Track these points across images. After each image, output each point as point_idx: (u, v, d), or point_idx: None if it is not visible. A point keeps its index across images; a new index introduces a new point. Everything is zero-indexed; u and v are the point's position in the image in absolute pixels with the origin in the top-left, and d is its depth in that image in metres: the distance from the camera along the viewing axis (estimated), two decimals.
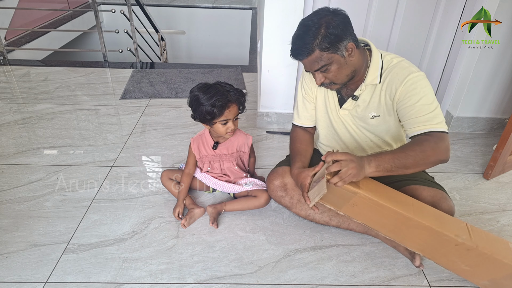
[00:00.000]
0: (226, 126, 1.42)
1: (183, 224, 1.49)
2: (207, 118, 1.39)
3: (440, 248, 1.17)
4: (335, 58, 1.18)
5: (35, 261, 1.35)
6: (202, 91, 1.39)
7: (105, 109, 2.49)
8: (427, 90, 1.20)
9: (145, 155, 2.00)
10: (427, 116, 1.18)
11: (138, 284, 1.27)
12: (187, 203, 1.58)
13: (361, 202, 1.18)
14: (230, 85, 1.45)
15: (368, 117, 1.34)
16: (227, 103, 1.38)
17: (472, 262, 1.16)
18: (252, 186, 1.60)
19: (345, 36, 1.15)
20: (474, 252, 1.12)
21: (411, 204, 1.20)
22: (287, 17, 1.95)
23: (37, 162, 1.91)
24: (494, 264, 1.12)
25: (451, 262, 1.20)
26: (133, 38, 3.62)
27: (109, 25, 5.48)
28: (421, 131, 1.19)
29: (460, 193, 1.77)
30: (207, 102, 1.36)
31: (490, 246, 1.12)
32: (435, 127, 1.18)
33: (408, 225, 1.17)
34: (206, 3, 5.75)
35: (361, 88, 1.30)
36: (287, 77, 2.14)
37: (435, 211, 1.20)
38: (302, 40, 1.16)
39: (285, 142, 2.17)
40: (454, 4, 2.03)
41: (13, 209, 1.59)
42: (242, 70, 3.23)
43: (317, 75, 1.23)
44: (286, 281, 1.31)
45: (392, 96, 1.25)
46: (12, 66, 3.22)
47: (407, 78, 1.20)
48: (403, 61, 1.26)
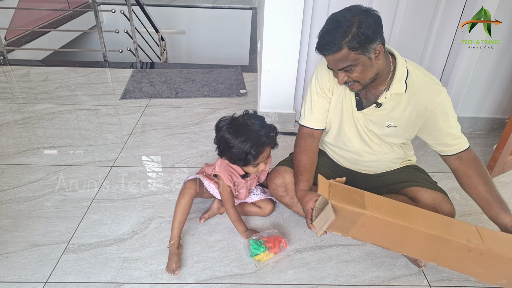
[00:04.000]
0: (257, 167, 1.35)
1: (176, 273, 1.31)
2: (239, 163, 1.31)
3: (453, 256, 1.15)
4: (362, 59, 1.13)
5: (35, 261, 1.35)
6: (232, 133, 1.26)
7: (105, 109, 2.49)
8: (453, 109, 1.29)
9: (145, 155, 2.00)
10: (459, 138, 1.31)
11: (138, 284, 1.27)
12: (174, 247, 1.36)
13: (368, 222, 1.14)
14: (260, 120, 1.32)
15: (383, 125, 1.32)
16: (261, 149, 1.28)
17: (486, 265, 1.13)
18: (260, 195, 1.58)
19: (375, 38, 1.11)
20: (487, 255, 1.10)
21: (418, 215, 1.16)
22: (287, 17, 1.95)
23: (37, 162, 1.91)
24: (509, 263, 1.10)
25: (465, 267, 1.18)
26: (133, 38, 3.62)
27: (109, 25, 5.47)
28: (459, 150, 1.31)
29: (460, 193, 1.76)
30: (239, 148, 1.25)
31: (503, 247, 1.10)
32: (466, 144, 1.32)
33: (418, 238, 1.14)
34: (206, 3, 5.75)
35: (385, 96, 1.25)
36: (287, 77, 2.14)
37: (442, 218, 1.18)
38: (332, 36, 1.10)
39: (285, 142, 2.17)
40: (454, 4, 2.03)
41: (13, 209, 1.59)
42: (242, 70, 3.23)
43: (340, 74, 1.19)
44: (286, 281, 1.31)
45: (421, 114, 1.26)
46: (12, 66, 3.22)
47: (439, 100, 1.23)
48: (427, 75, 1.27)
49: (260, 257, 1.36)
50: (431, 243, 1.14)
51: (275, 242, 1.40)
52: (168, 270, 1.31)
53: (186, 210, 1.40)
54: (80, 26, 4.84)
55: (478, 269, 1.16)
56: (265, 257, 1.37)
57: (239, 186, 1.47)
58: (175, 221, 1.39)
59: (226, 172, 1.40)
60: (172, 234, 1.38)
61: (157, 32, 4.13)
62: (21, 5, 4.13)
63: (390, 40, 2.16)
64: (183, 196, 1.40)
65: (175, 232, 1.38)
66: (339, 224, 1.18)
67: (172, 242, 1.36)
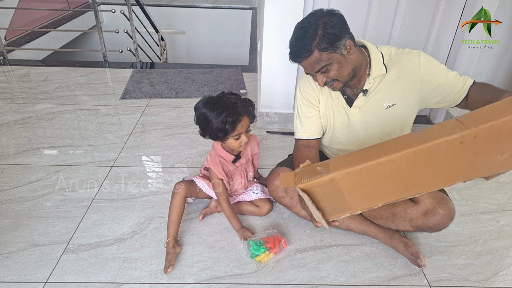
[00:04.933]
0: (239, 140, 1.36)
1: (168, 271, 1.30)
2: (219, 135, 1.32)
3: (454, 161, 0.93)
4: (335, 57, 1.18)
5: (35, 261, 1.35)
6: (209, 107, 1.30)
7: (105, 109, 2.49)
8: (438, 62, 1.32)
9: (145, 155, 2.00)
10: (461, 76, 1.31)
11: (138, 284, 1.27)
12: (169, 246, 1.38)
13: (349, 183, 1.01)
14: (236, 95, 1.36)
15: (382, 108, 1.33)
16: (238, 117, 1.30)
17: (503, 145, 0.90)
18: (259, 194, 1.58)
19: (342, 34, 1.16)
20: (482, 134, 0.88)
21: (387, 146, 1.01)
22: (287, 17, 1.95)
23: (37, 162, 1.91)
24: None
25: (480, 164, 0.94)
26: (133, 38, 3.62)
27: (109, 25, 5.47)
28: (467, 89, 1.29)
29: (460, 193, 1.76)
30: (217, 119, 1.27)
31: (493, 114, 0.89)
32: (471, 81, 1.30)
33: (407, 167, 0.95)
34: (206, 3, 5.75)
35: (369, 82, 1.29)
36: (287, 77, 2.14)
37: (416, 134, 0.99)
38: (301, 42, 1.16)
39: (285, 142, 2.17)
40: (454, 4, 2.03)
41: (13, 209, 1.59)
42: (242, 70, 3.23)
43: (318, 76, 1.22)
44: (286, 281, 1.31)
45: (413, 81, 1.28)
46: (12, 66, 3.22)
47: (421, 59, 1.27)
48: (400, 49, 1.32)
49: (261, 258, 1.36)
50: (421, 162, 0.94)
51: (275, 242, 1.41)
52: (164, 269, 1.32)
53: (178, 209, 1.43)
54: (80, 26, 4.84)
55: (495, 156, 0.92)
56: (265, 257, 1.37)
57: (233, 174, 1.48)
58: (169, 221, 1.43)
59: (217, 163, 1.43)
60: (168, 233, 1.41)
61: (157, 32, 4.13)
62: (21, 5, 4.13)
63: (390, 40, 2.16)
64: (173, 197, 1.45)
65: (169, 231, 1.41)
66: (332, 205, 1.09)
67: (167, 240, 1.39)
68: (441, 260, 1.40)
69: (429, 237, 1.50)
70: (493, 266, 1.38)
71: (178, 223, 1.43)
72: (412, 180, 0.99)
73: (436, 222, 1.29)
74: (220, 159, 1.45)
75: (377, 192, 1.04)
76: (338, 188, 1.02)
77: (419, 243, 1.47)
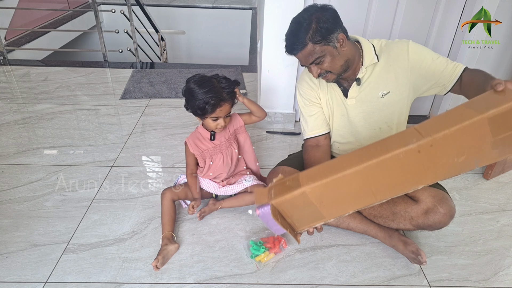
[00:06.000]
0: (216, 122, 1.42)
1: (156, 266, 1.31)
2: (198, 112, 1.39)
3: (413, 169, 0.97)
4: (328, 49, 1.22)
5: (35, 261, 1.35)
6: (198, 84, 1.36)
7: (105, 109, 2.49)
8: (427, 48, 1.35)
9: (145, 155, 2.00)
10: (452, 62, 1.32)
11: (138, 284, 1.27)
12: (164, 242, 1.41)
13: (318, 195, 1.02)
14: (227, 80, 1.42)
15: (378, 97, 1.36)
16: (220, 102, 1.36)
17: (458, 150, 0.94)
18: (252, 181, 1.60)
19: (335, 28, 1.21)
20: (440, 141, 0.91)
21: (351, 158, 1.02)
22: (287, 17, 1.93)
23: (37, 162, 1.91)
24: (473, 129, 0.91)
25: (440, 168, 0.97)
26: (133, 38, 3.62)
27: (109, 25, 5.47)
28: (458, 74, 1.30)
29: (460, 193, 1.77)
30: (200, 97, 1.34)
31: (447, 123, 0.92)
32: (462, 67, 1.31)
33: (371, 174, 0.98)
34: (206, 3, 5.75)
35: (362, 71, 1.33)
36: (287, 77, 2.14)
37: (374, 144, 1.02)
38: (295, 36, 1.23)
39: (285, 142, 2.18)
40: (454, 4, 2.03)
41: (13, 209, 1.59)
42: (242, 70, 3.23)
43: (312, 68, 1.27)
44: (286, 281, 1.31)
45: (404, 67, 1.31)
46: (12, 66, 3.22)
47: (411, 47, 1.31)
48: (390, 40, 1.38)
49: (261, 258, 1.36)
50: (385, 171, 0.97)
51: (275, 242, 1.41)
52: None
53: (168, 209, 1.51)
54: (80, 26, 4.84)
55: (456, 159, 0.95)
56: (265, 257, 1.37)
57: (213, 153, 1.54)
58: (162, 221, 1.50)
59: (192, 139, 1.52)
60: (162, 231, 1.47)
61: (157, 32, 4.13)
62: (21, 5, 4.13)
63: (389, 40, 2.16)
64: (161, 200, 1.54)
65: (164, 228, 1.47)
66: (305, 216, 1.09)
67: (162, 236, 1.44)
68: (441, 260, 1.40)
69: (429, 237, 1.50)
70: (493, 266, 1.38)
71: (170, 223, 1.48)
72: (378, 187, 1.03)
73: (436, 221, 1.29)
74: (196, 136, 1.53)
75: (346, 200, 1.08)
76: (309, 200, 1.05)
77: (419, 242, 1.47)
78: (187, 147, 1.53)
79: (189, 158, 1.56)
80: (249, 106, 1.54)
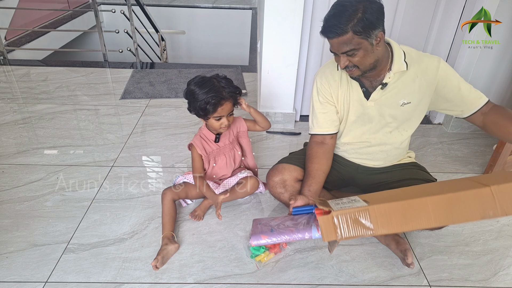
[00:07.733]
0: (220, 122, 1.43)
1: (155, 266, 1.31)
2: (200, 113, 1.40)
3: None
4: (364, 44, 1.17)
5: (35, 261, 1.35)
6: (198, 85, 1.38)
7: (105, 109, 2.49)
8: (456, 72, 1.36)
9: (145, 155, 2.00)
10: (476, 91, 1.35)
11: (138, 284, 1.27)
12: (164, 241, 1.41)
13: (376, 214, 1.08)
14: (227, 80, 1.43)
15: (398, 104, 1.34)
16: (221, 101, 1.37)
17: None
18: (246, 173, 1.61)
19: (378, 24, 1.16)
20: None
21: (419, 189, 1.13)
22: (287, 17, 1.95)
23: (37, 162, 1.91)
24: None
25: None
26: (133, 38, 3.62)
27: (109, 25, 5.47)
28: (479, 105, 1.33)
29: None
30: (201, 98, 1.35)
31: None
32: (485, 98, 1.34)
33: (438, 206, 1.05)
34: (206, 3, 5.75)
35: (389, 76, 1.30)
36: (287, 77, 2.14)
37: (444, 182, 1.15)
38: (338, 19, 1.14)
39: (285, 142, 2.18)
40: (454, 4, 2.03)
41: (13, 209, 1.59)
42: (242, 70, 3.23)
43: (342, 58, 1.22)
44: (286, 281, 1.31)
45: (430, 82, 1.31)
46: (12, 66, 3.22)
47: (441, 65, 1.31)
48: (420, 52, 1.36)
49: (261, 258, 1.36)
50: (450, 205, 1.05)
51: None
52: None
53: (169, 209, 1.50)
54: (80, 26, 4.84)
55: None
56: (265, 257, 1.37)
57: (216, 155, 1.55)
58: (162, 221, 1.49)
59: (199, 140, 1.52)
60: (163, 230, 1.46)
61: (157, 32, 4.13)
62: (21, 5, 4.13)
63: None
64: (162, 200, 1.53)
65: (164, 228, 1.47)
66: None
67: (162, 235, 1.43)
68: (441, 260, 1.40)
69: (429, 237, 1.50)
70: (493, 266, 1.38)
71: (171, 223, 1.48)
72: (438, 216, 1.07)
73: None
74: (202, 137, 1.53)
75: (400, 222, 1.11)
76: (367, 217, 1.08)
77: (419, 243, 1.47)
78: (194, 149, 1.52)
79: (196, 160, 1.53)
80: (255, 116, 1.56)
